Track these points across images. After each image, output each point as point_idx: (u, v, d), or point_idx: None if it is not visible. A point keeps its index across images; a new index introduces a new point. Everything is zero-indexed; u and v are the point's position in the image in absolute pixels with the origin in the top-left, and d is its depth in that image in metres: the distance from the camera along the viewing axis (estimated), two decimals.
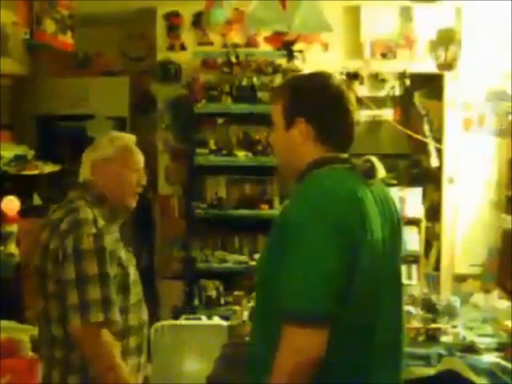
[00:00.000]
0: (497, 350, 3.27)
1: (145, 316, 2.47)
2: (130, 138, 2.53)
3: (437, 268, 5.64)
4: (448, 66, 5.25)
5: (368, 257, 1.69)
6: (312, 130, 1.82)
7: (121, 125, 5.67)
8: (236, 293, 4.34)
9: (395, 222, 1.87)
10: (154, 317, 4.85)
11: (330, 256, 1.64)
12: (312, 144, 1.83)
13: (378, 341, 1.75)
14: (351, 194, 1.72)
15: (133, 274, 2.40)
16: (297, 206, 1.73)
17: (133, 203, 2.48)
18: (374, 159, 1.84)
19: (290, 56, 5.25)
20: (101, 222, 2.29)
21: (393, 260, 1.83)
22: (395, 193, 5.61)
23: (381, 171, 1.83)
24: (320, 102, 1.83)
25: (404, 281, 1.95)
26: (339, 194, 1.71)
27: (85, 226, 2.24)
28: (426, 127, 5.80)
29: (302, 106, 1.84)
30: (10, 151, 4.88)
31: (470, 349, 3.23)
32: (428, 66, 5.35)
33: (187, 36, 5.58)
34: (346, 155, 1.86)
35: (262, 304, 1.83)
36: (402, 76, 5.54)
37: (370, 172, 1.81)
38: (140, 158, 2.50)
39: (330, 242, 1.64)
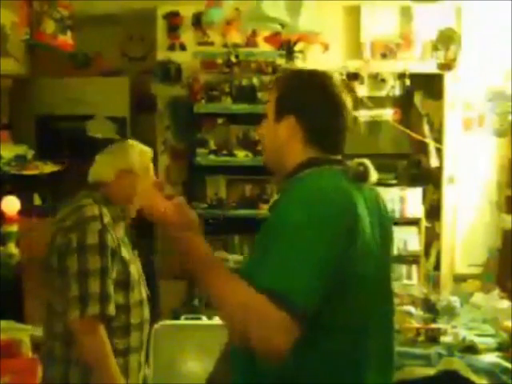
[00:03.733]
0: (497, 349, 3.28)
1: (147, 315, 2.52)
2: (150, 154, 2.61)
3: (437, 268, 5.63)
4: (448, 66, 5.26)
5: (359, 259, 1.66)
6: (300, 129, 1.78)
7: (121, 125, 5.66)
8: None
9: (386, 225, 1.83)
10: (154, 317, 4.86)
11: (320, 254, 1.58)
12: (299, 143, 1.78)
13: (370, 343, 1.72)
14: (344, 196, 1.68)
15: (135, 273, 2.45)
16: (287, 206, 1.67)
17: (134, 213, 2.55)
18: (368, 162, 1.78)
19: (290, 56, 5.24)
20: (106, 219, 2.36)
21: (384, 262, 1.80)
22: (395, 193, 5.62)
23: (373, 175, 1.78)
24: (313, 103, 1.78)
25: (404, 281, 1.95)
26: (332, 196, 1.66)
27: (91, 222, 2.32)
28: (426, 127, 5.80)
29: (294, 102, 1.79)
30: (9, 151, 4.87)
31: (470, 349, 3.24)
32: (428, 66, 5.35)
33: (187, 36, 5.57)
34: (338, 157, 1.81)
35: None
36: (401, 76, 5.53)
37: (363, 175, 1.76)
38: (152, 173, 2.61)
39: (321, 243, 1.59)
